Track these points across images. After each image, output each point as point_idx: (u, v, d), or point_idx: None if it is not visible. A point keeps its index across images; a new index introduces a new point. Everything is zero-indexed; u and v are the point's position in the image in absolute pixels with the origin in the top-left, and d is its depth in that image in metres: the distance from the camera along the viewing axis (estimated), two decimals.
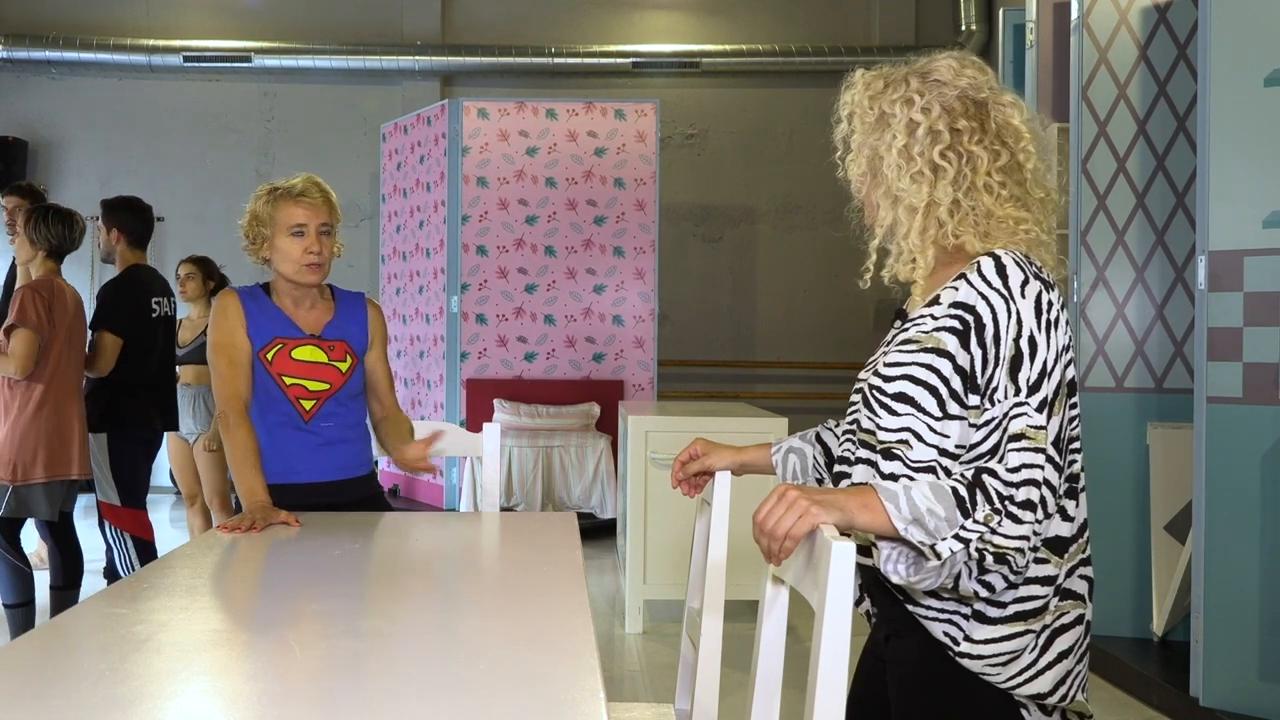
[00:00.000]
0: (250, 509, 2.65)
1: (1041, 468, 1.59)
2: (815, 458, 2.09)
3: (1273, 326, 3.67)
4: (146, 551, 4.81)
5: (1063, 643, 1.67)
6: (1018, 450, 1.59)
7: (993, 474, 1.59)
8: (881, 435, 1.72)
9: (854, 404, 1.84)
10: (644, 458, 4.89)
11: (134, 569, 4.61)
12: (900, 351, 1.73)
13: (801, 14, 9.57)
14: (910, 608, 1.72)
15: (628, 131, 7.61)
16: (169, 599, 1.95)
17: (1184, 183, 4.64)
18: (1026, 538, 1.58)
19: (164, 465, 8.97)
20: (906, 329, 1.75)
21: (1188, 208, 4.60)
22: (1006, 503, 1.57)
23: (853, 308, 9.35)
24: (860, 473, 1.76)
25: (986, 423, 1.63)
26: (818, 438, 2.10)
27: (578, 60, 9.30)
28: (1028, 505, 1.57)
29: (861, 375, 1.84)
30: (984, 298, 1.66)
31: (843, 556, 1.46)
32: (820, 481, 2.07)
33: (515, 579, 2.28)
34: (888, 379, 1.72)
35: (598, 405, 7.44)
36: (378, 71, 9.22)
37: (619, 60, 9.33)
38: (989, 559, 1.57)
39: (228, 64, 9.15)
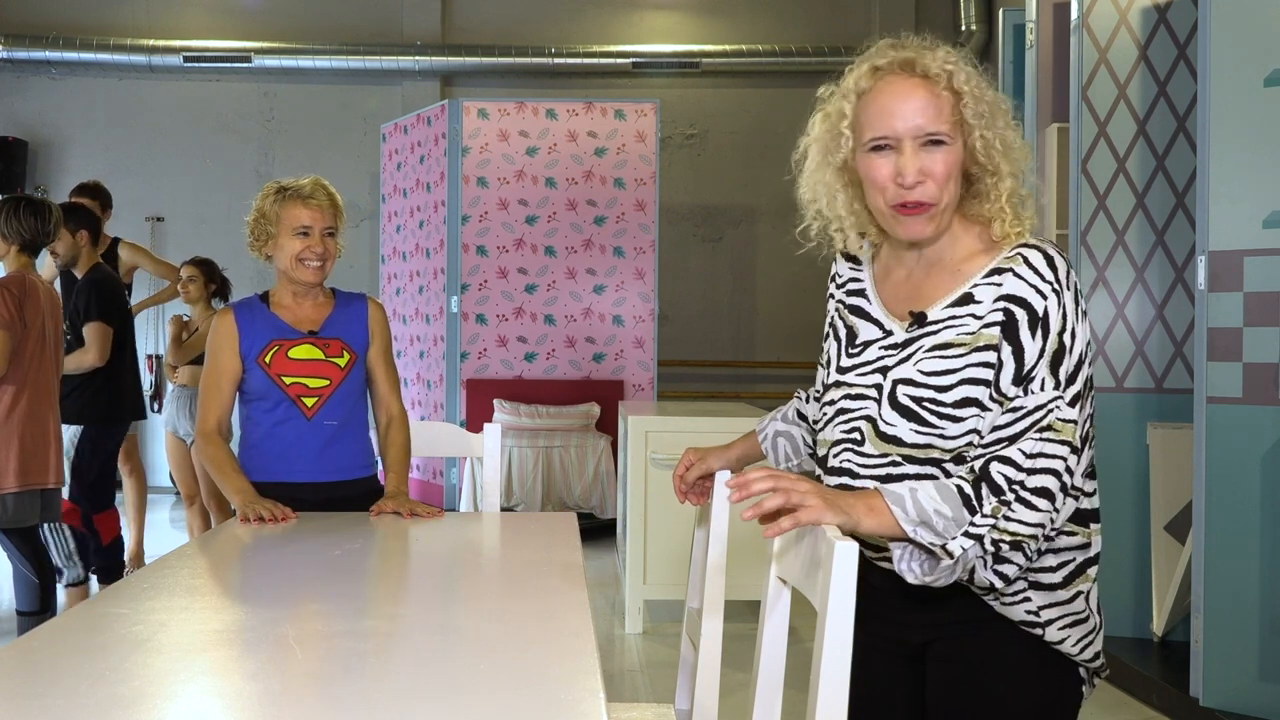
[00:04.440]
0: (248, 504, 2.74)
1: (1064, 459, 1.61)
2: (803, 437, 2.10)
3: (1273, 326, 3.66)
4: (115, 549, 4.82)
5: (1094, 602, 1.76)
6: (1041, 440, 1.61)
7: (1003, 461, 1.60)
8: (949, 444, 1.68)
9: (848, 410, 1.78)
10: (644, 458, 4.89)
11: (73, 561, 4.52)
12: (940, 358, 1.69)
13: (801, 14, 9.57)
14: (987, 596, 1.71)
15: (628, 131, 7.61)
16: (169, 599, 1.95)
17: (1184, 183, 4.64)
18: (1042, 525, 1.60)
19: (164, 465, 8.97)
20: (936, 332, 1.71)
21: (1188, 208, 4.60)
22: (1018, 488, 1.59)
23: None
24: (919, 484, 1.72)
25: (1015, 409, 1.63)
26: (799, 415, 2.11)
27: (578, 60, 9.30)
28: (1044, 493, 1.60)
29: (854, 379, 1.78)
30: (1036, 289, 1.65)
31: (845, 557, 1.46)
32: (813, 456, 2.07)
33: (515, 579, 2.28)
34: (942, 389, 1.68)
35: (598, 405, 7.44)
36: (378, 71, 9.22)
37: (619, 60, 9.33)
38: (1005, 547, 1.60)
39: (228, 64, 9.14)
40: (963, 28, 9.30)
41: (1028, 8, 5.36)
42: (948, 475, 1.69)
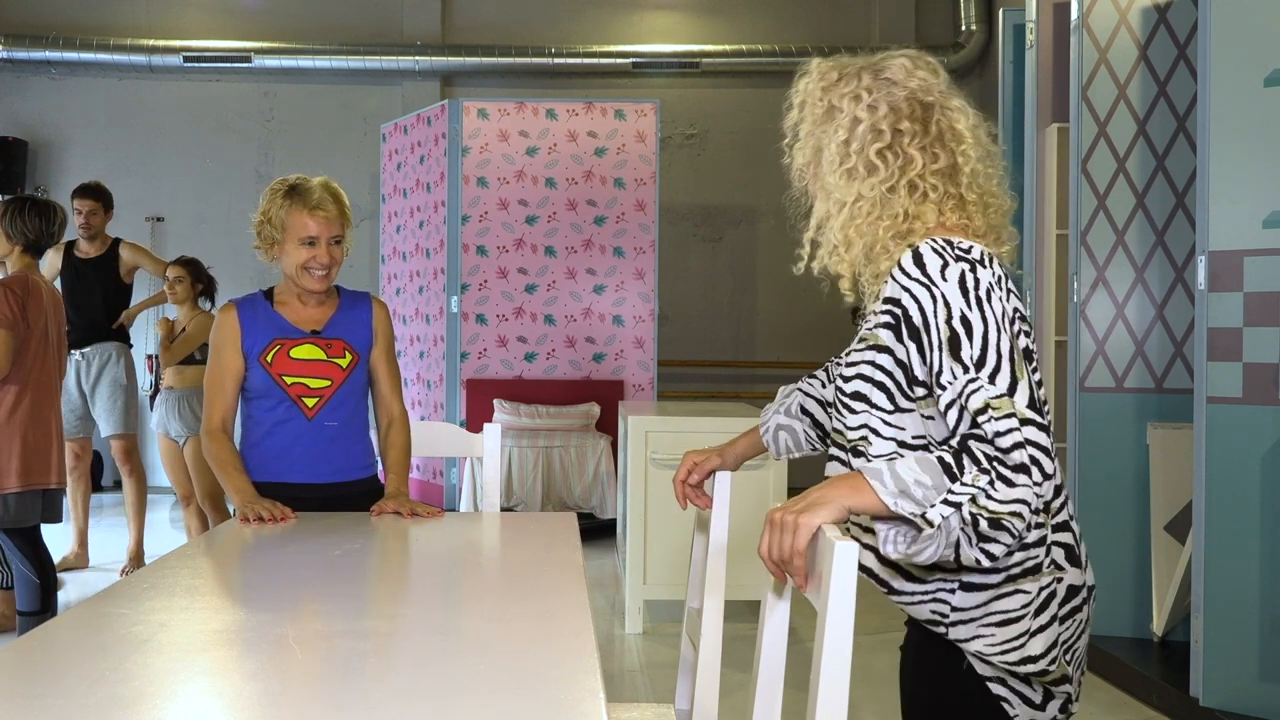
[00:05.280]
0: (246, 504, 2.75)
1: (1018, 429, 1.58)
2: (805, 431, 2.14)
3: (1273, 326, 3.66)
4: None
5: (1053, 607, 1.72)
6: (990, 420, 1.59)
7: (979, 439, 1.59)
8: (849, 434, 1.77)
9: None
10: (644, 458, 4.89)
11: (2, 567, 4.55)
12: (856, 351, 1.78)
13: (801, 14, 9.57)
14: (893, 599, 1.76)
15: (628, 131, 7.61)
16: (169, 599, 1.95)
17: (1184, 183, 4.64)
18: (1025, 501, 1.57)
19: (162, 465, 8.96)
20: (860, 327, 1.81)
21: (1188, 208, 4.60)
22: (995, 464, 1.57)
23: (853, 307, 9.32)
24: (833, 468, 1.82)
25: (949, 406, 1.64)
26: (802, 409, 2.15)
27: (578, 60, 9.29)
28: (1021, 469, 1.56)
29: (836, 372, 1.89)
30: (906, 290, 1.68)
31: (845, 557, 1.46)
32: (814, 450, 2.14)
33: (515, 579, 2.28)
34: (846, 379, 1.77)
35: (598, 405, 7.44)
36: (378, 71, 9.22)
37: (619, 60, 9.33)
38: (984, 524, 1.56)
39: (228, 64, 9.14)
40: (963, 28, 9.29)
41: (1028, 8, 5.36)
42: (846, 465, 1.77)
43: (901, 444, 1.71)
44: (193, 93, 9.38)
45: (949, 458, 1.58)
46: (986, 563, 1.61)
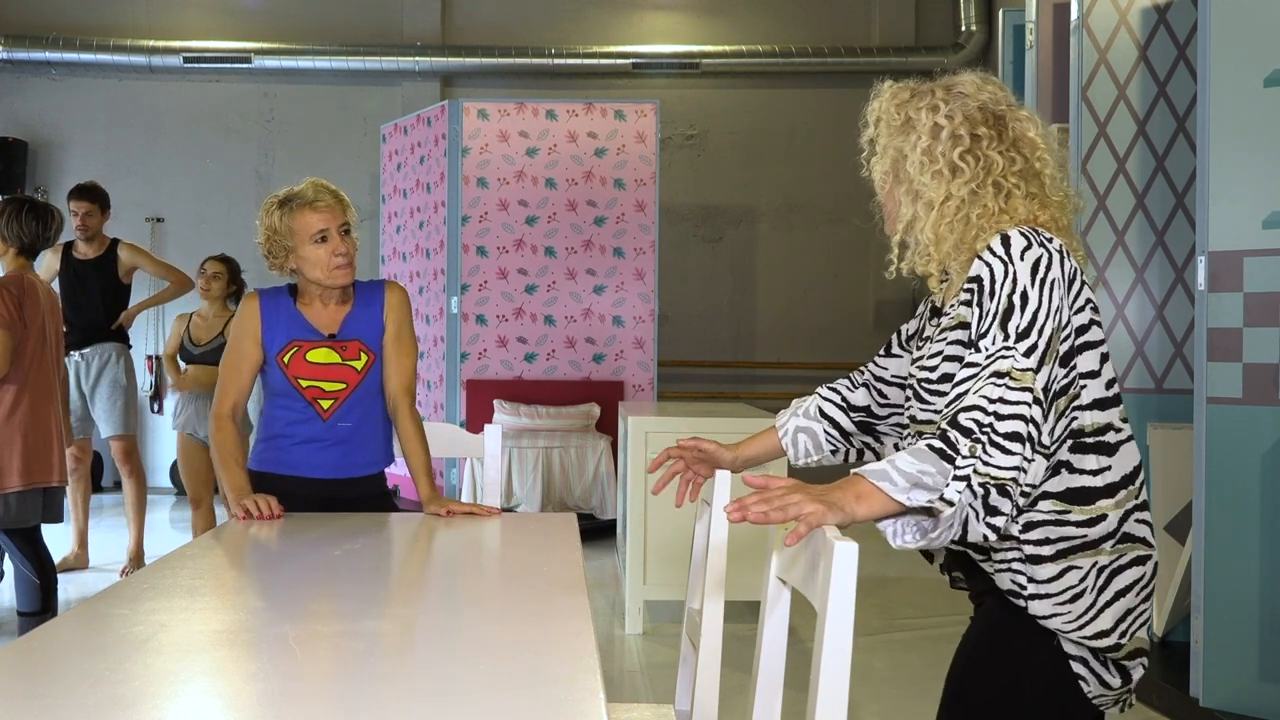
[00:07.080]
0: (238, 500, 2.79)
1: (1029, 405, 1.66)
2: (826, 432, 2.15)
3: (1273, 326, 3.67)
4: None
5: (1120, 581, 1.77)
6: (1001, 386, 1.66)
7: (968, 409, 1.65)
8: (937, 419, 1.80)
9: (908, 400, 1.94)
10: (644, 458, 4.88)
11: None
12: (938, 342, 1.85)
13: (801, 14, 9.57)
14: (980, 560, 1.81)
15: (628, 132, 7.60)
16: (169, 599, 1.95)
17: (1184, 183, 4.64)
18: (1020, 469, 1.64)
19: (163, 465, 8.97)
20: (941, 322, 1.87)
21: (1188, 208, 4.60)
22: (989, 431, 1.63)
23: (853, 308, 9.35)
24: None
25: (970, 364, 1.71)
26: (821, 412, 2.15)
27: (578, 60, 9.30)
28: (1014, 437, 1.64)
29: (912, 372, 1.95)
30: (987, 265, 1.76)
31: (845, 557, 1.46)
32: (835, 452, 2.16)
33: (515, 579, 2.28)
34: (930, 369, 1.84)
35: (598, 406, 7.44)
36: (377, 72, 9.22)
37: (619, 61, 9.33)
38: (993, 493, 1.63)
39: (228, 64, 9.15)
40: (963, 29, 9.29)
41: (1028, 8, 5.36)
42: None
43: None
44: (193, 93, 9.38)
45: (938, 443, 1.64)
46: (994, 537, 1.66)
